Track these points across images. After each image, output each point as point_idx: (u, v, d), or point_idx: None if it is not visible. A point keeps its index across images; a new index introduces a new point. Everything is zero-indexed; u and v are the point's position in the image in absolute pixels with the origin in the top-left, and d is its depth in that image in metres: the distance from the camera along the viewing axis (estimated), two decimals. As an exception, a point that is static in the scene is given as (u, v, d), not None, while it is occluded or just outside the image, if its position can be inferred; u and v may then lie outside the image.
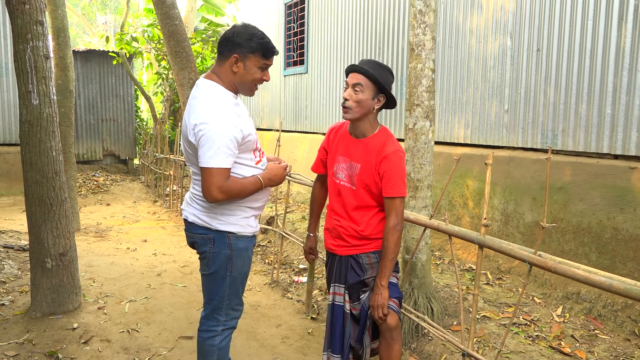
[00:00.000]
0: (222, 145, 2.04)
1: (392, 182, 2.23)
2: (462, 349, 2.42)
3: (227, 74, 2.18)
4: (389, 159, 2.23)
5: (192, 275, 4.87)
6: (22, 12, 3.46)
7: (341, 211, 2.39)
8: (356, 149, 2.32)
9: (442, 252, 5.01)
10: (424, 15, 3.17)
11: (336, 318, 2.45)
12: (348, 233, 2.37)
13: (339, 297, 2.45)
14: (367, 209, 2.34)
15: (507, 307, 3.66)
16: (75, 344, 3.25)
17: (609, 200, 3.72)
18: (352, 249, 2.39)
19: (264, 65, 2.18)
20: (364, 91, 2.23)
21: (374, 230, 2.35)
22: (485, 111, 4.97)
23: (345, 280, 2.41)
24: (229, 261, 2.25)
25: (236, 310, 2.37)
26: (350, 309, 2.43)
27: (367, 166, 2.28)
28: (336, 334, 2.44)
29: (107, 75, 12.86)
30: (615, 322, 3.34)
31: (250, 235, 2.31)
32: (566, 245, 3.94)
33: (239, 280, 2.32)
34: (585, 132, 4.04)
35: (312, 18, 8.36)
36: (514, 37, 4.65)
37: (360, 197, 2.32)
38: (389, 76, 2.29)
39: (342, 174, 2.38)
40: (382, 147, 2.26)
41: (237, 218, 2.24)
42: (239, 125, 2.11)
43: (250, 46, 2.12)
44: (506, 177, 4.59)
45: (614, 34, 3.80)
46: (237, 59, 2.14)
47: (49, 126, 3.60)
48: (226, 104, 2.14)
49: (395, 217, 2.24)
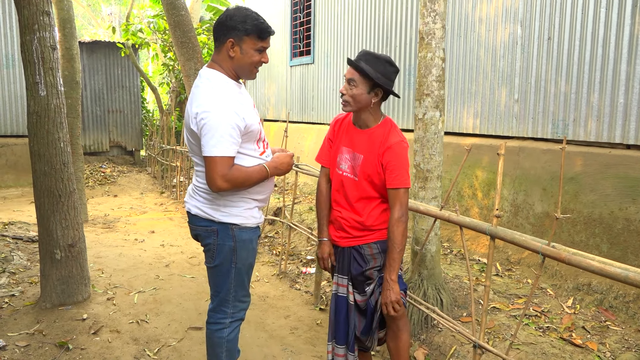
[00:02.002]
0: (225, 134, 2.01)
1: (396, 172, 2.20)
2: (474, 340, 2.41)
3: (225, 60, 2.13)
4: (392, 149, 2.19)
5: (200, 266, 4.88)
6: (28, 2, 3.43)
7: (343, 202, 2.37)
8: (359, 139, 2.29)
9: (451, 243, 4.98)
10: (434, 3, 3.12)
11: (339, 309, 2.44)
12: (350, 224, 2.35)
13: (342, 289, 2.43)
14: (369, 200, 2.31)
15: (516, 298, 3.64)
16: (85, 334, 3.27)
17: (621, 191, 3.67)
18: (353, 240, 2.37)
19: (261, 48, 2.12)
20: (358, 86, 2.21)
21: (376, 221, 2.31)
22: (495, 101, 4.91)
23: (349, 271, 2.39)
24: (233, 253, 2.24)
25: (243, 302, 2.35)
26: (355, 299, 2.41)
27: (370, 157, 2.25)
28: (340, 324, 2.43)
29: (113, 66, 12.85)
30: (627, 313, 3.31)
31: (254, 227, 2.28)
32: (577, 236, 3.90)
33: (244, 271, 2.30)
34: (597, 122, 3.98)
35: (319, 7, 8.28)
36: (524, 26, 4.57)
37: (363, 188, 2.29)
38: (387, 67, 2.22)
39: (345, 164, 2.34)
40: (386, 138, 2.22)
41: (240, 209, 2.21)
42: (242, 113, 2.08)
43: (245, 28, 2.06)
44: (516, 168, 4.55)
45: (627, 21, 3.73)
46: (232, 43, 2.08)
47: (57, 117, 3.59)
48: (229, 92, 2.10)
49: (400, 208, 2.20)
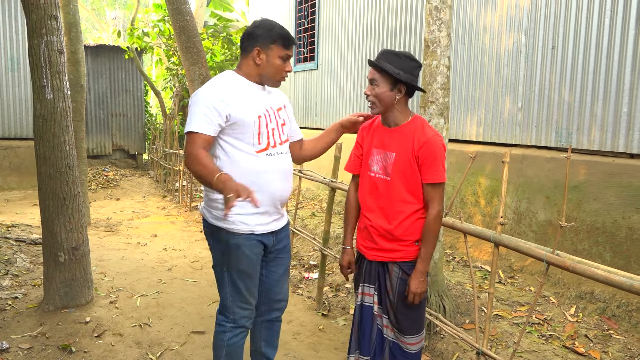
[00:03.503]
0: (199, 112, 2.10)
1: (434, 167, 2.16)
2: (477, 347, 2.41)
3: (250, 67, 2.23)
4: (429, 143, 2.16)
5: (203, 270, 4.88)
6: (37, 6, 3.46)
7: (374, 207, 2.29)
8: (390, 138, 2.26)
9: (453, 249, 4.99)
10: (440, 11, 3.14)
11: (365, 319, 2.36)
12: (378, 233, 2.27)
13: (368, 298, 2.36)
14: (401, 204, 2.23)
15: (519, 305, 3.64)
16: (88, 337, 3.27)
17: (624, 200, 3.68)
18: (381, 254, 2.29)
19: (285, 56, 2.21)
20: (380, 85, 2.20)
21: (405, 232, 2.23)
22: (499, 109, 4.93)
23: (377, 282, 2.32)
24: (223, 257, 2.25)
25: (243, 309, 2.31)
26: (377, 311, 2.35)
27: (402, 153, 2.21)
28: (365, 335, 2.35)
29: (117, 70, 12.92)
30: (629, 322, 3.30)
31: (245, 233, 2.19)
32: (580, 244, 3.91)
33: (237, 278, 2.26)
34: (601, 131, 3.99)
35: (323, 14, 8.33)
36: (528, 35, 4.60)
37: (395, 188, 2.23)
38: (408, 62, 2.20)
39: (376, 166, 2.29)
40: (421, 133, 2.19)
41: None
42: (227, 99, 2.11)
43: (270, 37, 2.16)
44: (519, 176, 4.56)
45: (631, 32, 3.75)
46: (259, 52, 2.19)
47: (63, 121, 3.62)
48: (223, 82, 2.20)
49: (438, 204, 2.19)
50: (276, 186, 2.24)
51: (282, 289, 2.48)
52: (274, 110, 2.28)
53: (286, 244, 2.44)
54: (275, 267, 2.42)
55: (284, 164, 2.29)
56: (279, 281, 2.44)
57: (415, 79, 2.23)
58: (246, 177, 2.12)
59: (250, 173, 2.16)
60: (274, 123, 2.25)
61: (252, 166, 2.18)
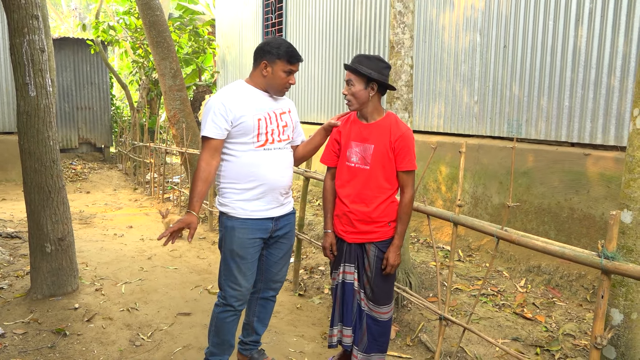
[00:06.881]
0: (208, 119, 2.44)
1: (408, 157, 2.52)
2: (440, 313, 2.77)
3: (257, 77, 2.55)
4: (404, 136, 2.51)
5: (182, 258, 5.10)
6: (18, 6, 3.57)
7: (352, 194, 2.58)
8: (368, 132, 2.57)
9: (418, 232, 5.38)
10: (404, 16, 3.47)
11: (347, 294, 2.66)
12: (357, 217, 2.57)
13: (349, 276, 2.66)
14: (379, 190, 2.55)
15: (476, 280, 4.05)
16: (79, 322, 3.46)
17: (566, 184, 4.14)
18: (360, 237, 2.60)
19: (289, 70, 2.50)
20: (355, 84, 2.53)
21: (382, 214, 2.56)
22: (457, 102, 5.33)
23: (356, 261, 2.64)
24: (223, 239, 2.56)
25: (232, 289, 2.56)
26: (357, 287, 2.66)
27: (380, 145, 2.53)
28: (348, 308, 2.67)
29: (82, 63, 12.74)
30: (570, 290, 3.77)
31: (240, 217, 2.48)
32: (529, 224, 4.35)
33: (229, 257, 2.53)
34: (546, 122, 4.44)
35: (290, 9, 8.54)
36: (483, 34, 5.00)
37: (374, 176, 2.55)
38: (378, 63, 2.53)
39: (355, 157, 2.59)
40: (396, 127, 2.53)
41: (228, 200, 2.52)
42: (230, 105, 2.43)
43: (277, 53, 2.46)
44: (476, 163, 4.98)
45: (571, 33, 4.19)
46: (266, 65, 2.49)
47: (46, 117, 3.74)
48: (232, 89, 2.53)
49: (411, 188, 2.56)
50: (273, 176, 2.52)
51: (279, 270, 2.75)
52: (277, 114, 2.56)
53: (288, 231, 2.70)
54: (275, 251, 2.69)
55: (281, 158, 2.56)
56: (277, 263, 2.72)
57: (386, 77, 2.56)
58: (247, 169, 2.47)
59: (250, 165, 2.47)
60: (275, 124, 2.53)
61: (251, 160, 2.47)
